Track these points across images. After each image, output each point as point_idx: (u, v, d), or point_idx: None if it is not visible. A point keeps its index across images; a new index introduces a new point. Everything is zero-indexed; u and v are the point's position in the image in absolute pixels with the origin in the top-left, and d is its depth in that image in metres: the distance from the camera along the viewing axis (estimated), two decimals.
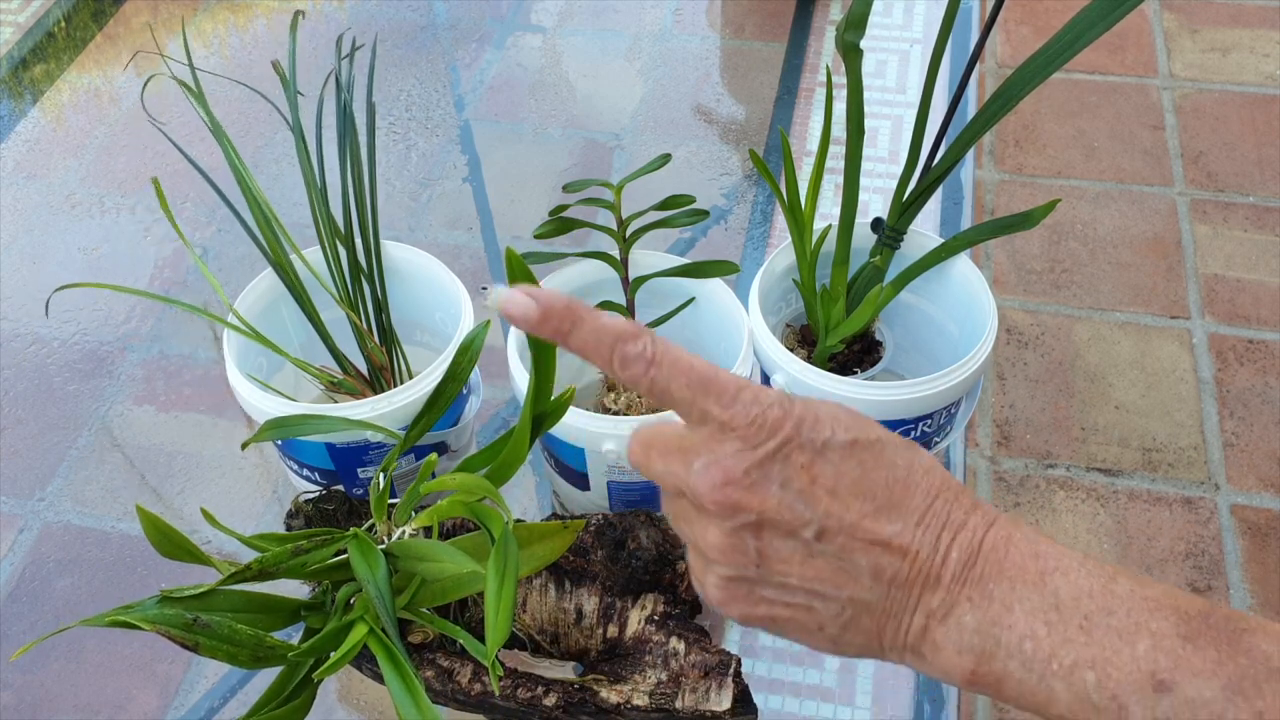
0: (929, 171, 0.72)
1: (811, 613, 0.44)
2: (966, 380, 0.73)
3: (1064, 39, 0.63)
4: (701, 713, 0.64)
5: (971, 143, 0.69)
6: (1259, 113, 1.17)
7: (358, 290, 0.79)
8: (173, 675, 0.80)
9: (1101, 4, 0.60)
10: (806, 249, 0.77)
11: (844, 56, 0.69)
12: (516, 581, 0.55)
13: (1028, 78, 0.65)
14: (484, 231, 1.09)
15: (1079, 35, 0.62)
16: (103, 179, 1.16)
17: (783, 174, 0.75)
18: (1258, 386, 0.93)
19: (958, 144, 0.69)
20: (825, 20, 1.30)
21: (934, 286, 0.81)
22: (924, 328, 0.84)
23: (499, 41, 1.30)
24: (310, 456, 0.77)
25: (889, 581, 0.42)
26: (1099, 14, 0.61)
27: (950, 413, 0.77)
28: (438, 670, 0.65)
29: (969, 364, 0.73)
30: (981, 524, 0.42)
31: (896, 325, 0.86)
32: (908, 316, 0.85)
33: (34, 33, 1.33)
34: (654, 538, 0.73)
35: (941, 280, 0.80)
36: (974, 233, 0.75)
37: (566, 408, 0.64)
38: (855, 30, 0.68)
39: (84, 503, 0.89)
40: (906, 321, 0.85)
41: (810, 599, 0.43)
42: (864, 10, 0.67)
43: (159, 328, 1.02)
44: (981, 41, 0.67)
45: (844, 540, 0.42)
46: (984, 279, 0.77)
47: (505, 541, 0.55)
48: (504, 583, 0.54)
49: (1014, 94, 0.66)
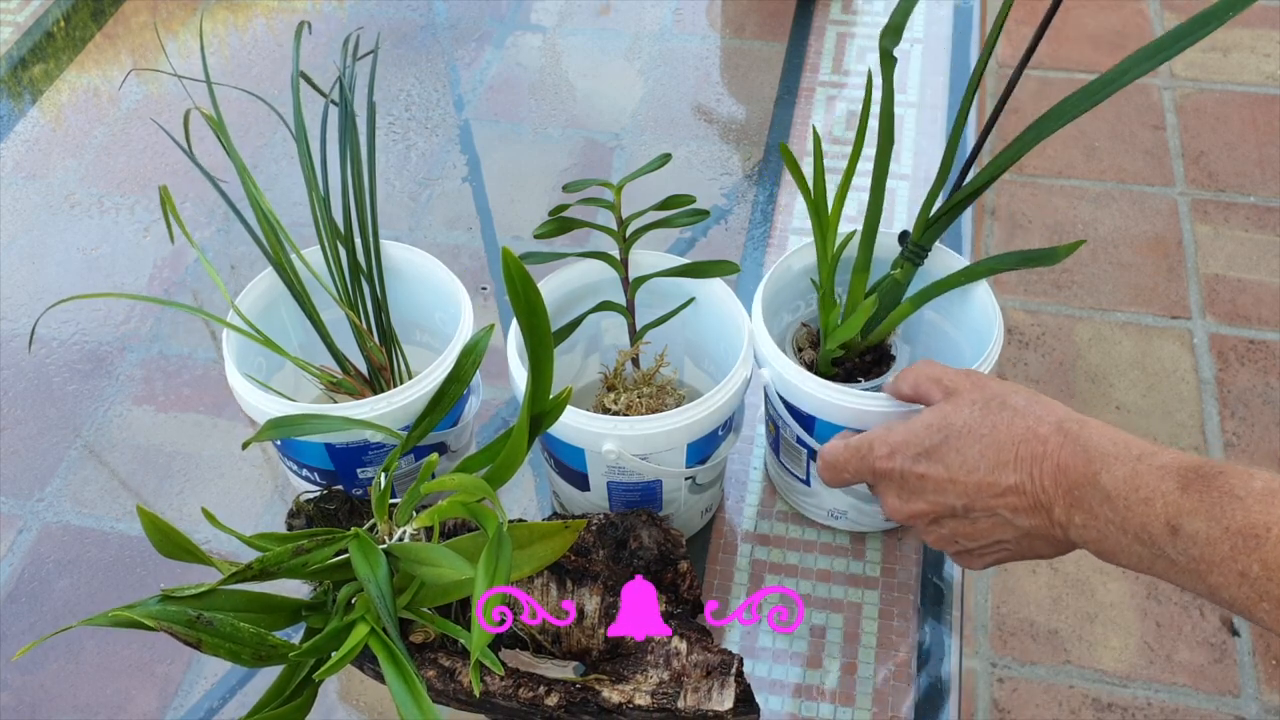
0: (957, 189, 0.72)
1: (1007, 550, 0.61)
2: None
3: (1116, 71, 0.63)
4: (703, 712, 0.64)
5: (1010, 163, 0.68)
6: (1260, 112, 1.17)
7: (357, 290, 0.79)
8: (172, 676, 0.79)
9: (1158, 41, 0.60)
10: (829, 251, 0.76)
11: (881, 63, 0.69)
12: (507, 581, 0.55)
13: (1071, 108, 0.65)
14: (484, 231, 1.09)
15: (1130, 68, 0.62)
16: (102, 179, 1.15)
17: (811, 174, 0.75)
18: (1258, 387, 0.93)
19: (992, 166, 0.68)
20: (825, 20, 1.30)
21: (955, 307, 0.80)
22: (942, 346, 0.83)
23: (499, 41, 1.30)
24: (310, 457, 0.77)
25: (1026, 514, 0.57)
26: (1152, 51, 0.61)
27: None
28: (439, 670, 0.65)
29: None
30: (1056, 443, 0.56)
31: (917, 341, 0.85)
32: (929, 334, 0.84)
33: (33, 32, 1.33)
34: (655, 537, 0.73)
35: (963, 302, 0.79)
36: (997, 261, 0.75)
37: (564, 407, 0.63)
38: (892, 37, 0.68)
39: (83, 503, 0.89)
40: (925, 338, 0.84)
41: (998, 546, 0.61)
42: (903, 18, 0.67)
43: (158, 328, 1.01)
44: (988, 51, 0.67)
45: (982, 502, 0.59)
46: (999, 308, 0.76)
47: (498, 541, 0.55)
48: (494, 582, 0.54)
49: (1054, 124, 0.65)
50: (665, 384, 0.82)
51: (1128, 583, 0.82)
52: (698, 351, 0.86)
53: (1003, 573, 0.83)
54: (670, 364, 0.85)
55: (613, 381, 0.81)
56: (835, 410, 0.72)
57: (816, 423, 0.75)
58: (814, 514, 0.85)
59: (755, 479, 0.89)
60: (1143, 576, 0.82)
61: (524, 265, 0.58)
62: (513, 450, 0.62)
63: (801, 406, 0.75)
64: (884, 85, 0.70)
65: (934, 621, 0.80)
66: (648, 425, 0.71)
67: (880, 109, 0.70)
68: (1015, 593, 0.81)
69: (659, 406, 0.79)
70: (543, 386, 0.61)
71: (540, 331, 0.59)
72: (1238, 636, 0.79)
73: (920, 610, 0.81)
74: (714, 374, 0.85)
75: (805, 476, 0.81)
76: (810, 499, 0.83)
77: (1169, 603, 0.81)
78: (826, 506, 0.83)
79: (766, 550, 0.84)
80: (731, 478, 0.89)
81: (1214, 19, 0.57)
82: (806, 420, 0.75)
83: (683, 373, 0.88)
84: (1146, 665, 0.78)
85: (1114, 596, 0.81)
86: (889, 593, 0.82)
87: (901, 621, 0.80)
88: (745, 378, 0.74)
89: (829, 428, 0.74)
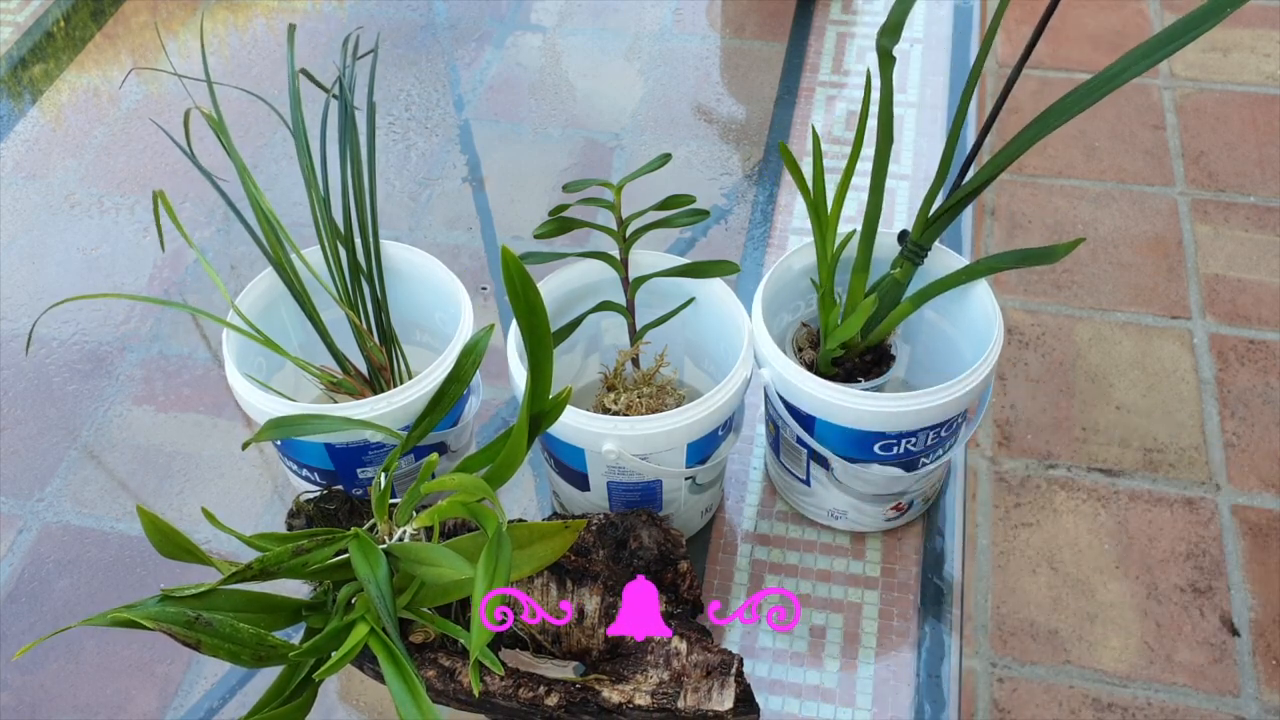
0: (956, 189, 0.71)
1: None
2: (939, 408, 0.72)
3: (1111, 71, 0.63)
4: (703, 712, 0.64)
5: (1009, 162, 0.68)
6: (1260, 112, 1.17)
7: (357, 290, 0.79)
8: (172, 676, 0.79)
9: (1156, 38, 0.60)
10: (828, 251, 0.76)
11: (879, 62, 0.69)
12: (507, 581, 0.55)
13: (1069, 106, 0.65)
14: (484, 231, 1.09)
15: (1126, 68, 0.62)
16: (102, 179, 1.15)
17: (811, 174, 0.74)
18: (1259, 387, 0.93)
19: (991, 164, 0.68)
20: (825, 20, 1.30)
21: (954, 307, 0.80)
22: (942, 346, 0.83)
23: (499, 41, 1.30)
24: (310, 457, 0.77)
25: None
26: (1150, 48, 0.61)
27: (939, 434, 0.76)
28: (439, 670, 0.65)
29: (938, 393, 0.72)
30: None
31: (917, 341, 0.85)
32: (929, 334, 0.84)
33: (33, 32, 1.33)
34: (655, 537, 0.73)
35: (962, 302, 0.79)
36: (997, 260, 0.75)
37: (564, 407, 0.64)
38: (891, 36, 0.67)
39: (83, 503, 0.89)
40: (925, 338, 0.85)
41: None
42: (901, 17, 0.67)
43: (158, 328, 1.01)
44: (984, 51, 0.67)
45: None
46: (999, 308, 0.76)
47: (497, 542, 0.55)
48: (493, 582, 0.54)
49: (1053, 122, 0.65)
50: (665, 384, 0.82)
51: (1128, 583, 0.82)
52: (698, 351, 0.86)
53: (1002, 572, 0.83)
54: (670, 364, 0.85)
55: (613, 381, 0.81)
56: (835, 410, 0.72)
57: (816, 423, 0.75)
58: (814, 514, 0.85)
59: (755, 479, 0.89)
60: (1143, 576, 0.82)
61: (524, 265, 0.58)
62: (512, 450, 0.62)
63: (801, 406, 0.75)
64: (882, 84, 0.69)
65: (934, 621, 0.80)
66: (648, 425, 0.71)
67: (879, 108, 0.70)
68: (1015, 593, 0.82)
69: (659, 406, 0.79)
70: (542, 386, 0.61)
71: (540, 331, 0.59)
72: (1238, 636, 0.79)
73: (920, 610, 0.81)
74: (714, 374, 0.85)
75: (805, 476, 0.81)
76: (810, 499, 0.83)
77: (1169, 603, 0.81)
78: (826, 506, 0.83)
79: (766, 550, 0.84)
80: (731, 478, 0.89)
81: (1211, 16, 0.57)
82: (806, 420, 0.75)
83: (683, 373, 0.88)
84: (1146, 665, 0.78)
85: (1114, 596, 0.81)
86: (889, 593, 0.82)
87: (901, 621, 0.80)
88: (745, 378, 0.74)
89: (829, 428, 0.75)
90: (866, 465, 0.76)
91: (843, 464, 0.76)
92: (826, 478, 0.79)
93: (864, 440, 0.74)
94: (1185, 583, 0.82)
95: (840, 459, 0.76)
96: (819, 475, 0.80)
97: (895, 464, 0.76)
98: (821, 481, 0.80)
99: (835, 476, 0.79)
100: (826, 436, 0.76)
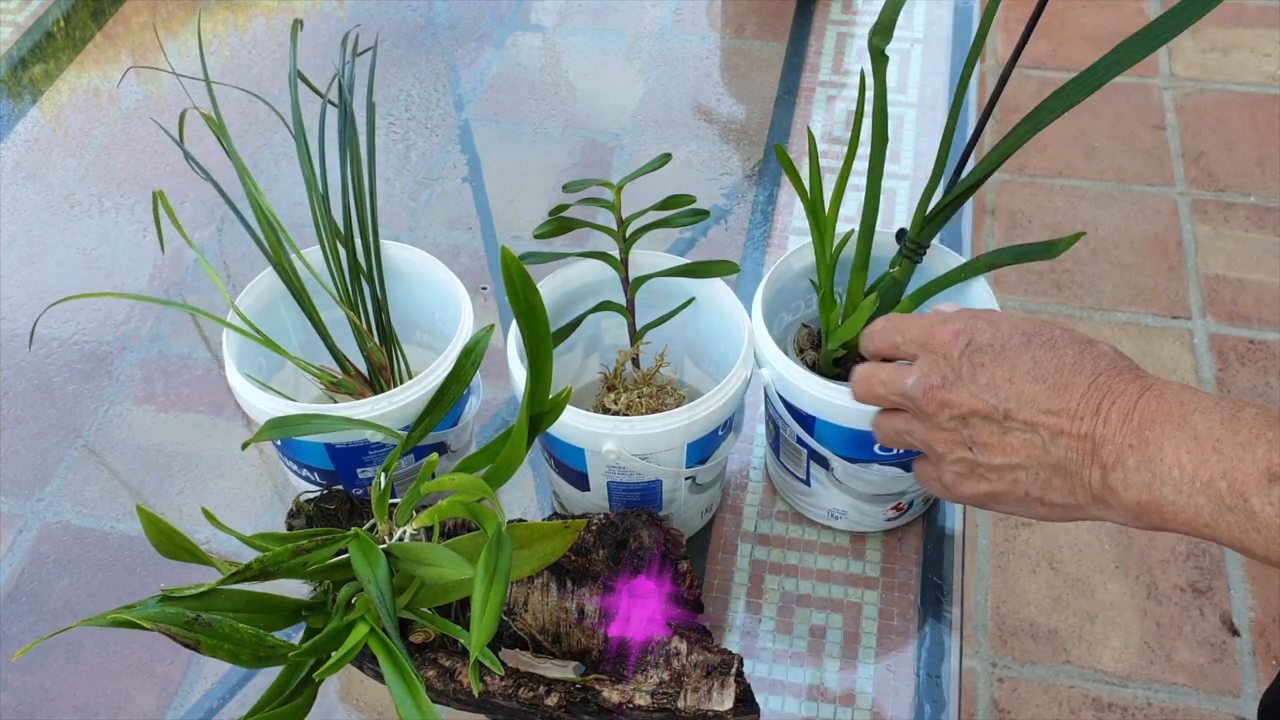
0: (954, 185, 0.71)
1: (1018, 483, 0.56)
2: None
3: (1104, 63, 0.63)
4: (703, 712, 0.64)
5: (1005, 157, 0.68)
6: (1260, 112, 1.17)
7: (357, 290, 0.79)
8: (172, 676, 0.79)
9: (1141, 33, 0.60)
10: (827, 251, 0.76)
11: (872, 61, 0.68)
12: (506, 581, 0.55)
13: (1063, 100, 0.65)
14: (484, 231, 1.09)
15: (1118, 60, 0.62)
16: (102, 179, 1.15)
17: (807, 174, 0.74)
18: (1259, 387, 0.93)
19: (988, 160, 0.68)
20: (825, 20, 1.30)
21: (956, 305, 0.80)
22: None
23: (499, 41, 1.30)
24: (310, 457, 0.77)
25: (1066, 443, 0.53)
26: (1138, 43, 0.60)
27: None
28: (439, 670, 0.65)
29: None
30: (1137, 389, 0.52)
31: None
32: None
33: (33, 32, 1.33)
34: (655, 537, 0.73)
35: (962, 301, 0.79)
36: (996, 256, 0.75)
37: (564, 407, 0.64)
38: (883, 35, 0.67)
39: (83, 503, 0.89)
40: None
41: (1015, 471, 0.56)
42: (892, 16, 0.67)
43: (158, 328, 1.01)
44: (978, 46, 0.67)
45: (1028, 414, 0.55)
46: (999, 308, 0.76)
47: (497, 542, 0.55)
48: (493, 582, 0.54)
49: (1048, 115, 0.65)
50: (665, 384, 0.82)
51: (1128, 583, 0.82)
52: (698, 351, 0.86)
53: (1002, 572, 0.83)
54: (670, 364, 0.85)
55: (613, 381, 0.81)
56: (835, 410, 0.72)
57: (816, 423, 0.75)
58: (814, 514, 0.85)
59: (755, 479, 0.89)
60: (1143, 576, 0.82)
61: (524, 265, 0.58)
62: (512, 450, 0.62)
63: (802, 406, 0.75)
64: (876, 84, 0.69)
65: (934, 621, 0.80)
66: (648, 425, 0.71)
67: (873, 107, 0.70)
68: (1015, 593, 0.82)
69: (659, 406, 0.79)
70: (542, 386, 0.61)
71: (540, 331, 0.59)
72: (1238, 636, 0.79)
73: (920, 610, 0.81)
74: (714, 374, 0.85)
75: (805, 476, 0.81)
76: (810, 499, 0.83)
77: (1169, 603, 0.81)
78: (826, 506, 0.83)
79: (766, 550, 0.84)
80: (731, 478, 0.89)
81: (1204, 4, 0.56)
82: (806, 420, 0.75)
83: (683, 373, 0.88)
84: (1146, 665, 0.78)
85: (1114, 596, 0.81)
86: (889, 593, 0.82)
87: (901, 621, 0.80)
88: (745, 378, 0.74)
89: (829, 428, 0.75)
90: (866, 465, 0.76)
91: (843, 464, 0.76)
92: (826, 478, 0.79)
93: (864, 440, 0.74)
94: (1185, 583, 0.82)
95: (840, 459, 0.76)
96: (819, 475, 0.80)
97: (895, 464, 0.76)
98: (821, 481, 0.80)
99: (835, 476, 0.79)
100: (826, 436, 0.76)
